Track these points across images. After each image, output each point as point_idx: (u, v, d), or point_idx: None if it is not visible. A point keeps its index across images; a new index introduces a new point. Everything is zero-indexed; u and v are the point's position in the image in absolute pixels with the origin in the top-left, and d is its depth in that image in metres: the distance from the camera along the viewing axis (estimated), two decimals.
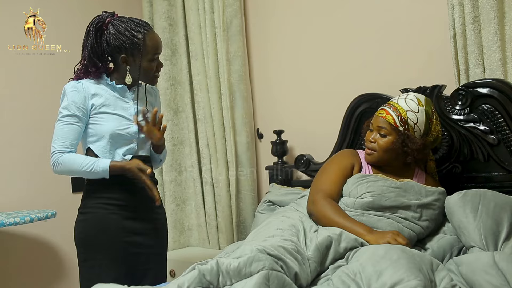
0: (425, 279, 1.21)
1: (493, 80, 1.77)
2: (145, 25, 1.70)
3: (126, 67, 1.69)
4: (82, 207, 1.74)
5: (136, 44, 1.66)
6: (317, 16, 2.48)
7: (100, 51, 1.69)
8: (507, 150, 1.78)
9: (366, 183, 1.65)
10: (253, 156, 2.72)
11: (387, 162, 1.73)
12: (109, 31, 1.66)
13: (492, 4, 1.78)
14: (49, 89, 2.56)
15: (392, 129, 1.67)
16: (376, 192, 1.61)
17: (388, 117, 1.68)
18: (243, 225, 2.67)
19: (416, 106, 1.67)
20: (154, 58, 1.70)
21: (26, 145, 2.52)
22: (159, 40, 1.73)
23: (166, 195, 2.87)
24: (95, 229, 1.68)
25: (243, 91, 2.67)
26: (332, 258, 1.45)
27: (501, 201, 1.56)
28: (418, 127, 1.66)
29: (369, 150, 1.73)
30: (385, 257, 1.29)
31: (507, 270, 1.23)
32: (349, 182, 1.70)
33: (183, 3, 2.86)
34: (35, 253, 2.56)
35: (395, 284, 1.18)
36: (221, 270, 1.27)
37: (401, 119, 1.66)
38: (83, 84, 1.68)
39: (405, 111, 1.66)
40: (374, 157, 1.72)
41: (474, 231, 1.49)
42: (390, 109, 1.69)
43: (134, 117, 1.72)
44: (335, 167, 1.75)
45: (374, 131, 1.72)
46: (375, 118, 1.74)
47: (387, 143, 1.67)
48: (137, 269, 1.72)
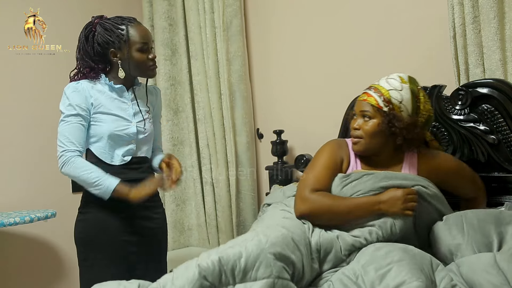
0: (426, 280, 1.21)
1: (493, 80, 1.77)
2: (130, 19, 1.72)
3: (117, 62, 1.70)
4: (81, 206, 1.74)
5: (121, 35, 1.67)
6: (317, 16, 2.48)
7: (93, 53, 1.71)
8: (507, 150, 1.78)
9: (351, 182, 1.56)
10: (253, 156, 2.72)
11: (376, 150, 1.62)
12: (97, 31, 1.70)
13: (492, 4, 1.78)
14: (49, 89, 2.56)
15: (375, 111, 1.57)
16: (362, 191, 1.53)
17: (370, 99, 1.59)
18: (243, 225, 2.67)
19: (399, 84, 1.58)
20: (143, 48, 1.69)
21: (26, 145, 2.52)
22: (145, 30, 1.73)
23: (166, 195, 2.87)
24: (94, 229, 1.69)
25: (243, 91, 2.67)
26: (332, 263, 1.44)
27: (482, 215, 1.48)
28: (404, 105, 1.56)
29: (355, 138, 1.62)
30: (387, 258, 1.28)
31: (507, 269, 1.23)
32: (333, 185, 1.59)
33: (183, 3, 2.86)
34: (35, 253, 2.55)
35: (397, 286, 1.18)
36: (223, 270, 1.24)
37: (384, 99, 1.56)
38: (82, 85, 1.69)
39: (387, 91, 1.57)
40: (362, 145, 1.60)
41: (467, 249, 1.41)
42: (372, 91, 1.61)
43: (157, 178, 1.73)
44: (322, 162, 1.63)
45: (358, 117, 1.62)
46: (357, 103, 1.64)
47: (373, 127, 1.57)
48: (136, 268, 1.72)
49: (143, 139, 1.76)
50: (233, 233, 2.66)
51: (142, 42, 1.69)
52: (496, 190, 1.77)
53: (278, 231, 1.39)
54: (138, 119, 1.74)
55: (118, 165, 1.71)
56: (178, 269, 1.29)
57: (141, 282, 1.34)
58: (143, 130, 1.75)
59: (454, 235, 1.45)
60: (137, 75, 1.77)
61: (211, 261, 1.24)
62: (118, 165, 1.71)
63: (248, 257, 1.27)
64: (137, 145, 1.75)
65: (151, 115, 1.83)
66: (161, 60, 2.90)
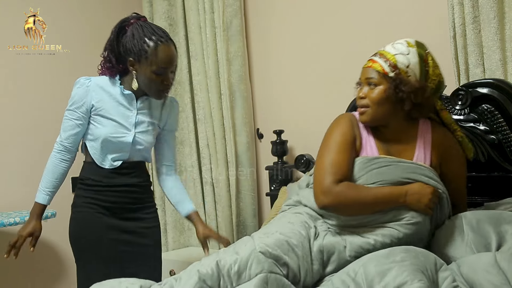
0: (428, 281, 1.19)
1: (493, 80, 1.77)
2: (162, 35, 1.62)
3: (133, 72, 1.65)
4: (72, 206, 1.77)
5: (144, 51, 1.60)
6: (317, 16, 2.48)
7: (118, 51, 1.67)
8: (507, 150, 1.78)
9: (377, 168, 1.47)
10: (253, 156, 2.72)
11: (385, 120, 1.53)
12: (127, 33, 1.64)
13: (492, 4, 1.78)
14: (49, 89, 2.56)
15: (381, 77, 1.49)
16: (388, 181, 1.45)
17: (375, 65, 1.51)
18: (243, 225, 2.67)
19: (405, 48, 1.51)
20: (160, 71, 1.62)
21: (26, 144, 2.52)
22: (171, 54, 1.64)
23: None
24: (82, 228, 1.72)
25: (243, 91, 2.67)
26: (336, 264, 1.42)
27: (481, 216, 1.46)
28: (411, 70, 1.48)
29: (361, 108, 1.53)
30: (388, 257, 1.27)
31: (508, 269, 1.23)
32: (356, 169, 1.49)
33: (183, 3, 2.86)
34: (35, 253, 2.55)
35: (398, 286, 1.17)
36: (222, 274, 1.28)
37: (390, 64, 1.48)
38: (91, 82, 1.69)
39: (393, 55, 1.49)
40: (369, 115, 1.52)
41: (466, 250, 1.39)
42: (377, 57, 1.53)
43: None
44: (337, 144, 1.50)
45: (364, 85, 1.54)
46: (363, 71, 1.56)
47: (379, 94, 1.48)
48: (128, 267, 1.72)
49: (139, 149, 1.74)
50: (233, 233, 2.66)
51: (161, 67, 1.61)
52: (496, 190, 1.77)
53: (273, 236, 1.39)
54: (140, 129, 1.72)
55: (107, 168, 1.71)
56: (181, 275, 1.34)
57: (143, 283, 1.35)
58: (142, 141, 1.73)
59: (454, 237, 1.44)
60: (145, 91, 1.71)
61: (209, 267, 1.28)
62: (107, 169, 1.71)
63: (241, 260, 1.30)
64: (131, 152, 1.73)
65: (156, 127, 1.79)
66: None
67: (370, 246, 1.40)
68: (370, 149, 1.54)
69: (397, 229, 1.42)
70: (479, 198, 1.80)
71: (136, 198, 1.77)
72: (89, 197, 1.72)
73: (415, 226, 1.43)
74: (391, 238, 1.41)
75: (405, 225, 1.42)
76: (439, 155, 1.55)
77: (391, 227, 1.43)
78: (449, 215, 1.54)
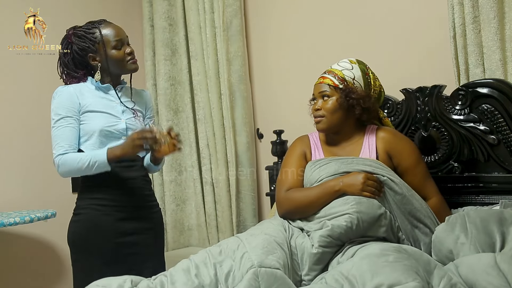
0: (423, 282, 1.20)
1: (493, 80, 1.77)
2: (99, 21, 1.76)
3: (98, 65, 1.74)
4: (76, 208, 1.75)
5: (94, 38, 1.72)
6: (317, 16, 2.48)
7: (73, 63, 1.76)
8: (507, 150, 1.78)
9: (319, 167, 1.68)
10: (253, 156, 2.72)
11: (338, 126, 1.73)
12: (73, 41, 1.75)
13: (492, 4, 1.78)
14: (49, 89, 2.53)
15: (333, 89, 1.71)
16: (329, 173, 1.64)
17: (326, 80, 1.74)
18: (243, 225, 2.67)
19: (349, 65, 1.74)
20: (118, 45, 1.73)
21: (26, 145, 2.52)
22: (117, 28, 1.76)
23: (166, 195, 2.87)
24: (87, 231, 1.69)
25: (243, 91, 2.67)
26: (310, 261, 1.50)
27: (485, 215, 1.47)
28: (357, 81, 1.72)
29: (317, 118, 1.75)
30: (381, 257, 1.28)
31: (508, 271, 1.23)
32: (306, 172, 1.72)
33: (183, 3, 2.86)
34: (35, 253, 2.56)
35: (392, 285, 1.17)
36: (220, 282, 1.36)
37: (339, 78, 1.71)
38: (68, 88, 1.72)
39: (340, 71, 1.73)
40: (325, 123, 1.73)
41: (470, 249, 1.39)
42: (326, 74, 1.76)
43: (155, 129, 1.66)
44: (289, 161, 1.78)
45: (318, 99, 1.75)
46: (315, 87, 1.78)
47: (333, 103, 1.70)
48: (132, 269, 1.70)
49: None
50: (233, 233, 2.66)
51: (115, 40, 1.73)
52: (496, 190, 1.78)
53: (260, 237, 1.50)
54: (127, 116, 1.76)
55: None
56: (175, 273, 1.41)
57: (134, 278, 1.39)
58: (134, 127, 1.75)
59: (457, 235, 1.44)
60: (119, 73, 1.79)
61: (208, 276, 1.36)
62: None
63: (235, 264, 1.40)
64: None
65: (140, 114, 1.84)
66: (161, 60, 2.90)
67: (328, 231, 1.49)
68: (319, 155, 1.78)
69: (347, 212, 1.51)
70: (479, 198, 1.81)
71: (141, 194, 1.76)
72: (95, 198, 1.70)
73: (359, 205, 1.52)
74: (344, 219, 1.50)
75: (351, 206, 1.52)
76: (386, 150, 1.70)
77: (342, 212, 1.53)
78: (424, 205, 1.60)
